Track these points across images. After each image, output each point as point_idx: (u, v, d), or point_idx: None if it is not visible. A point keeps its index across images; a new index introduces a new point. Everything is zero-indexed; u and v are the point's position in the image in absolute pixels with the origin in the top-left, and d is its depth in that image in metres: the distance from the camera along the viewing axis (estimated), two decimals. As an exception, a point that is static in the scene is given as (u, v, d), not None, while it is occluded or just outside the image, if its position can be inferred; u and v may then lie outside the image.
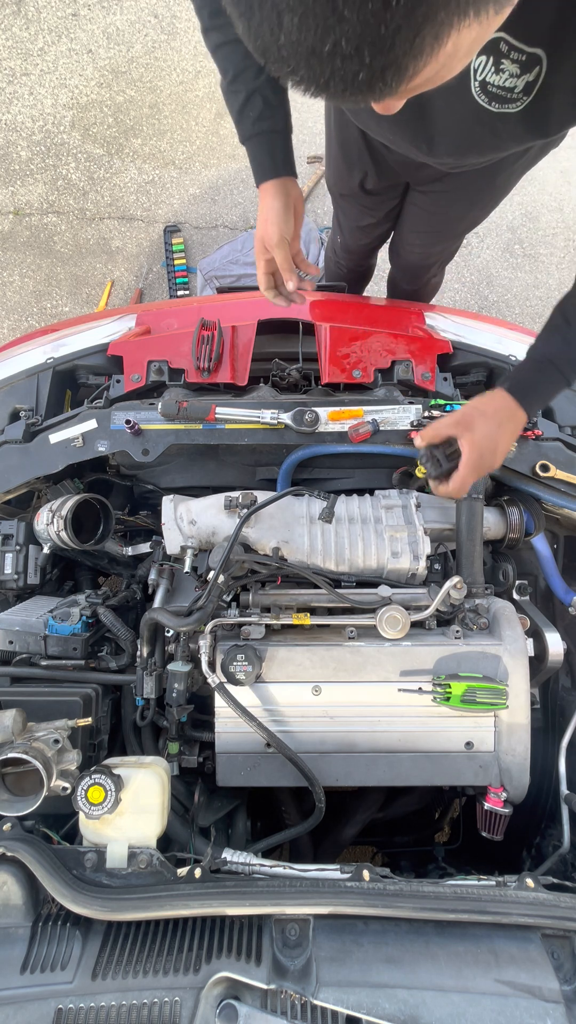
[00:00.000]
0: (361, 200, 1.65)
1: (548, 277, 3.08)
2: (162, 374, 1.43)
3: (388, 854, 1.75)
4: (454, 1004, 0.79)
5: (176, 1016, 0.78)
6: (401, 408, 1.33)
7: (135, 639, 1.31)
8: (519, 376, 1.15)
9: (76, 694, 1.23)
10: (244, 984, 0.81)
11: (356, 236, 1.85)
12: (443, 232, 1.66)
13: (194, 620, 1.17)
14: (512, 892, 0.92)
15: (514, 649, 1.18)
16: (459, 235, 1.70)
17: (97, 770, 0.98)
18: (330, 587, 1.21)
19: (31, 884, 0.91)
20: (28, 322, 2.93)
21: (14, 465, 1.34)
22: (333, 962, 0.83)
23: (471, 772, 1.18)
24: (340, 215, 1.83)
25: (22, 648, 1.27)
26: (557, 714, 1.46)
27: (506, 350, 1.50)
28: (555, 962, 0.85)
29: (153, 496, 1.54)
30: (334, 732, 1.19)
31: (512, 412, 1.13)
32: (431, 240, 1.71)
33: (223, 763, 1.20)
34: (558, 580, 1.39)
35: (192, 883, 0.94)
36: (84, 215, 3.00)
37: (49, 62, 3.06)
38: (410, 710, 1.18)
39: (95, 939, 0.87)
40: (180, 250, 2.92)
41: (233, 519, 1.28)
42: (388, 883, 0.93)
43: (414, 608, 1.22)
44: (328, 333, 1.44)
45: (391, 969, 0.82)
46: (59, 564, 1.53)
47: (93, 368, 1.54)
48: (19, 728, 1.02)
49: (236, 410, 1.32)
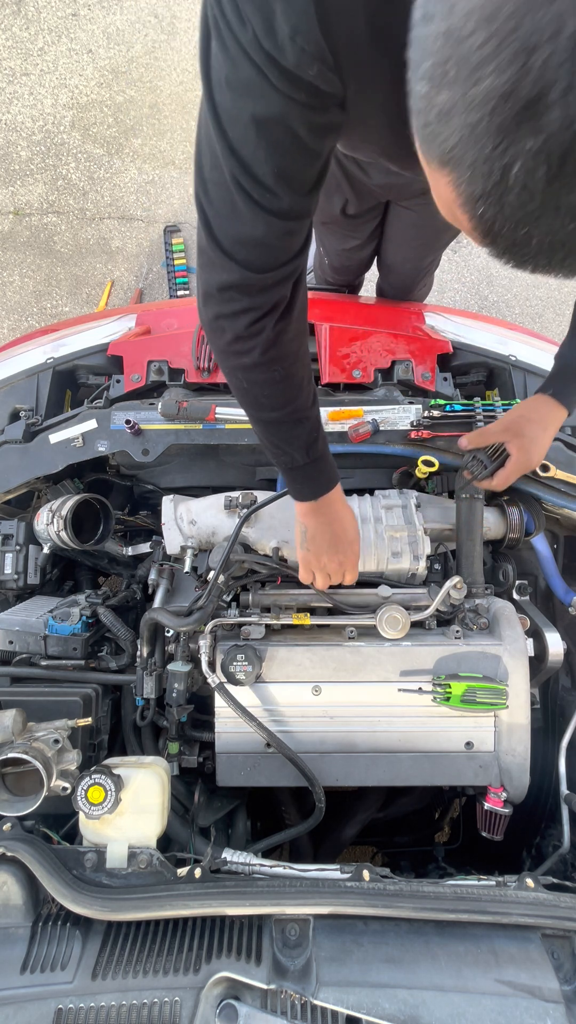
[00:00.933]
0: (343, 226, 1.62)
1: (548, 277, 3.08)
2: (162, 374, 1.43)
3: (388, 854, 1.75)
4: (454, 1004, 0.79)
5: (176, 1016, 0.78)
6: (401, 408, 1.33)
7: (135, 639, 1.31)
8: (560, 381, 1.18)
9: (76, 694, 1.23)
10: (244, 984, 0.81)
11: (342, 257, 1.82)
12: (431, 243, 1.65)
13: (194, 620, 1.17)
14: (512, 892, 0.92)
15: (514, 649, 1.18)
16: (447, 243, 1.69)
17: (97, 770, 0.98)
18: (326, 595, 1.22)
19: (31, 884, 0.91)
20: (28, 322, 2.93)
21: (14, 465, 1.34)
22: (333, 962, 0.83)
23: (471, 772, 1.18)
24: (324, 240, 1.80)
25: (22, 648, 1.27)
26: (557, 714, 1.46)
27: (506, 350, 1.50)
28: (555, 962, 0.85)
29: (153, 496, 1.54)
30: (334, 732, 1.19)
31: (557, 416, 1.17)
32: (420, 253, 1.69)
33: (223, 763, 1.20)
34: (558, 580, 1.39)
35: (192, 883, 0.94)
36: (84, 215, 3.00)
37: (49, 62, 3.05)
38: (410, 710, 1.18)
39: (95, 939, 0.87)
40: (180, 250, 2.92)
41: (233, 519, 1.28)
42: (388, 883, 0.93)
43: (414, 608, 1.22)
44: (328, 333, 1.44)
45: (391, 969, 0.82)
46: (59, 564, 1.53)
47: (93, 368, 1.54)
48: (19, 728, 1.02)
49: (236, 410, 1.32)
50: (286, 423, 0.94)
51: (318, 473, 1.02)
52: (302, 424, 0.95)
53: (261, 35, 0.56)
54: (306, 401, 0.94)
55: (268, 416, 0.94)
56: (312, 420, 0.96)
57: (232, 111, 0.63)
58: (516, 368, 1.46)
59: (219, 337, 0.85)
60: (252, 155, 0.65)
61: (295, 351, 0.89)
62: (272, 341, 0.83)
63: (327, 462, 1.03)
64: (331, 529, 1.09)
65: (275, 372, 0.87)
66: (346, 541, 1.12)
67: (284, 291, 0.80)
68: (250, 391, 0.91)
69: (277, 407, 0.92)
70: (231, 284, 0.77)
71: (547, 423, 1.17)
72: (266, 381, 0.89)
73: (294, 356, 0.89)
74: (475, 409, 1.32)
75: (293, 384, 0.91)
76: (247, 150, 0.65)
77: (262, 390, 0.91)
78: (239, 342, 0.84)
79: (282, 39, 0.56)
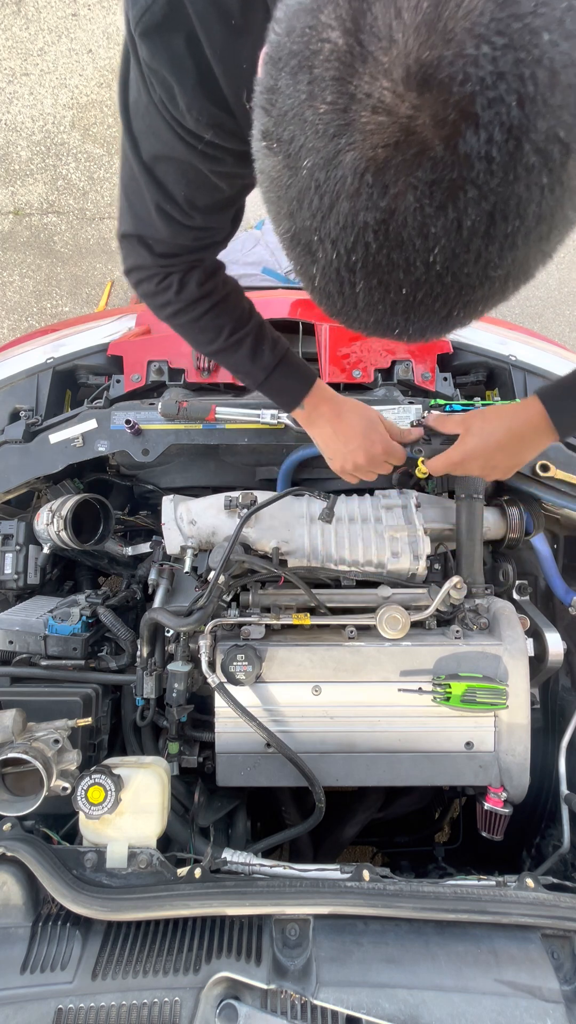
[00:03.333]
0: None
1: (548, 277, 3.08)
2: (162, 374, 1.43)
3: (388, 854, 1.76)
4: (454, 1004, 0.79)
5: (176, 1016, 0.78)
6: (401, 408, 1.33)
7: (135, 639, 1.31)
8: (558, 387, 0.99)
9: (76, 694, 1.23)
10: (244, 984, 0.81)
11: None
12: None
13: (194, 620, 1.17)
14: (512, 892, 0.92)
15: (514, 649, 1.18)
16: None
17: (97, 770, 0.98)
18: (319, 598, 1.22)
19: (31, 884, 0.91)
20: (28, 322, 2.93)
21: (14, 465, 1.34)
22: (333, 962, 0.83)
23: (471, 772, 1.18)
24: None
25: (22, 648, 1.27)
26: (557, 714, 1.46)
27: (506, 350, 1.50)
28: (555, 962, 0.85)
29: (153, 496, 1.54)
30: (334, 732, 1.19)
31: (535, 427, 0.97)
32: None
33: (223, 763, 1.20)
34: (558, 580, 1.39)
35: (192, 883, 0.94)
36: (84, 215, 3.00)
37: (49, 62, 3.05)
38: (410, 710, 1.18)
39: (95, 939, 0.87)
40: (180, 250, 2.92)
41: (233, 519, 1.28)
42: (388, 883, 0.93)
43: (414, 608, 1.22)
44: (328, 333, 1.44)
45: (391, 969, 0.82)
46: (59, 564, 1.53)
47: (93, 368, 1.54)
48: (19, 728, 1.02)
49: (236, 410, 1.32)
50: (231, 349, 1.01)
51: (285, 381, 1.05)
52: (244, 343, 1.00)
53: (167, 101, 0.66)
54: (240, 321, 1.00)
55: (211, 348, 1.02)
56: (251, 336, 1.01)
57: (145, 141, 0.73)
58: (516, 368, 1.46)
59: (142, 295, 0.97)
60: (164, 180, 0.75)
61: (212, 288, 0.96)
62: (182, 286, 0.92)
63: (291, 367, 1.04)
64: (336, 429, 1.08)
65: (195, 311, 0.96)
66: (357, 433, 1.07)
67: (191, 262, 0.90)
68: (185, 331, 1.01)
69: (214, 339, 1.00)
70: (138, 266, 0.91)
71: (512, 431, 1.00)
72: (191, 320, 0.98)
73: (212, 291, 0.96)
74: (475, 409, 1.32)
75: (220, 313, 0.98)
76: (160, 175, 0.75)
77: (191, 328, 1.00)
78: (155, 296, 0.95)
79: (182, 109, 0.65)
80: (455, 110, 0.33)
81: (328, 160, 0.37)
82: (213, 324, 0.99)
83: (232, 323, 1.00)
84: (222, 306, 0.99)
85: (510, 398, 1.42)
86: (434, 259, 0.38)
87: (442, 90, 0.33)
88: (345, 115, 0.36)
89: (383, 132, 0.35)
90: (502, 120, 0.33)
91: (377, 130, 0.35)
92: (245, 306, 1.02)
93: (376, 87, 0.34)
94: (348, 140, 0.36)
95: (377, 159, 0.36)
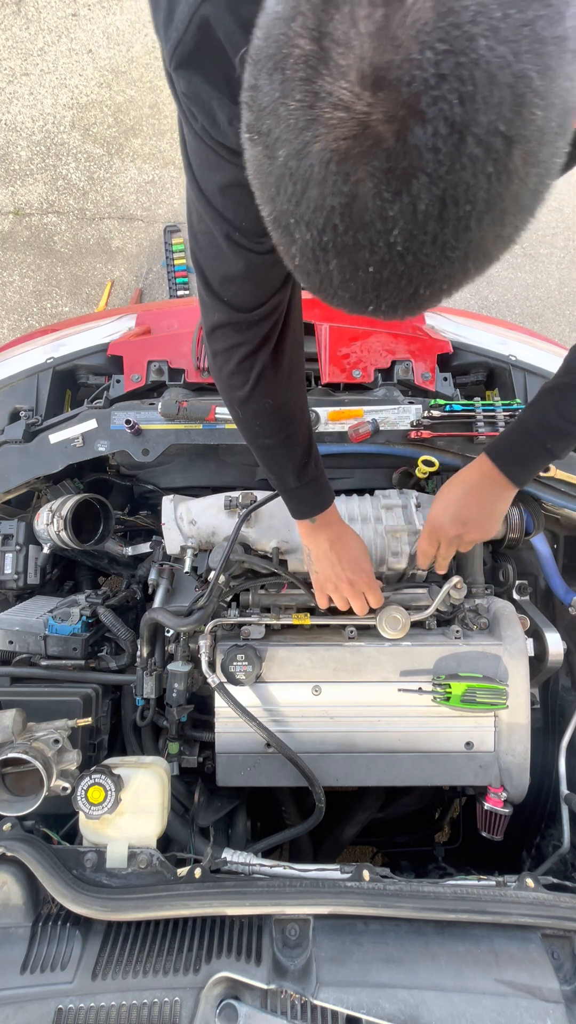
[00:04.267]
0: None
1: (548, 277, 3.08)
2: (162, 374, 1.43)
3: (388, 854, 1.75)
4: (454, 1004, 0.79)
5: (176, 1016, 0.78)
6: (401, 408, 1.33)
7: (135, 639, 1.31)
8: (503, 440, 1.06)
9: (76, 694, 1.23)
10: (244, 984, 0.80)
11: None
12: None
13: (194, 620, 1.17)
14: (512, 892, 0.92)
15: (514, 649, 1.18)
16: None
17: (97, 770, 0.98)
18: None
19: (31, 884, 0.91)
20: (28, 322, 2.93)
21: (14, 465, 1.34)
22: (333, 962, 0.83)
23: (471, 772, 1.18)
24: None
25: (22, 648, 1.27)
26: (557, 714, 1.46)
27: (506, 350, 1.49)
28: (555, 962, 0.85)
29: (153, 496, 1.54)
30: (334, 732, 1.19)
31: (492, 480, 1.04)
32: None
33: (223, 763, 1.20)
34: (558, 580, 1.39)
35: (192, 883, 0.94)
36: (84, 215, 2.99)
37: (49, 62, 3.05)
38: (410, 710, 1.18)
39: (95, 939, 0.87)
40: (180, 250, 2.92)
41: (233, 519, 1.28)
42: (388, 883, 0.93)
43: (414, 608, 1.22)
44: (328, 333, 1.44)
45: (391, 969, 0.82)
46: (59, 564, 1.53)
47: (93, 368, 1.54)
48: (19, 728, 1.02)
49: (236, 410, 1.32)
50: (279, 449, 1.01)
51: (311, 495, 1.07)
52: (294, 450, 1.01)
53: (208, 127, 0.68)
54: (298, 430, 1.00)
55: (262, 442, 1.01)
56: (302, 446, 1.01)
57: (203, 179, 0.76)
58: (516, 368, 1.46)
59: (218, 372, 0.94)
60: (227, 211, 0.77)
61: (285, 384, 0.94)
62: (262, 375, 0.90)
63: (320, 485, 1.07)
64: (333, 548, 1.12)
65: (265, 403, 0.94)
66: (350, 559, 1.13)
67: (271, 327, 0.88)
68: (244, 420, 0.98)
69: (269, 435, 0.99)
70: (222, 323, 0.87)
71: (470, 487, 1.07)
72: (258, 411, 0.96)
73: (285, 389, 0.95)
74: (475, 409, 1.32)
75: (284, 415, 0.97)
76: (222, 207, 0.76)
77: (255, 419, 0.97)
78: (233, 376, 0.92)
79: (223, 128, 0.67)
80: (403, 107, 0.38)
81: (299, 151, 0.42)
82: (275, 420, 0.98)
83: (292, 426, 0.99)
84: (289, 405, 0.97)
85: (510, 398, 1.42)
86: (394, 240, 0.42)
87: (392, 90, 0.38)
88: (311, 111, 0.40)
89: (343, 126, 0.39)
90: (445, 116, 0.37)
91: (339, 124, 0.40)
92: (307, 420, 1.02)
93: (336, 87, 0.39)
94: (314, 133, 0.41)
95: (339, 150, 0.40)
